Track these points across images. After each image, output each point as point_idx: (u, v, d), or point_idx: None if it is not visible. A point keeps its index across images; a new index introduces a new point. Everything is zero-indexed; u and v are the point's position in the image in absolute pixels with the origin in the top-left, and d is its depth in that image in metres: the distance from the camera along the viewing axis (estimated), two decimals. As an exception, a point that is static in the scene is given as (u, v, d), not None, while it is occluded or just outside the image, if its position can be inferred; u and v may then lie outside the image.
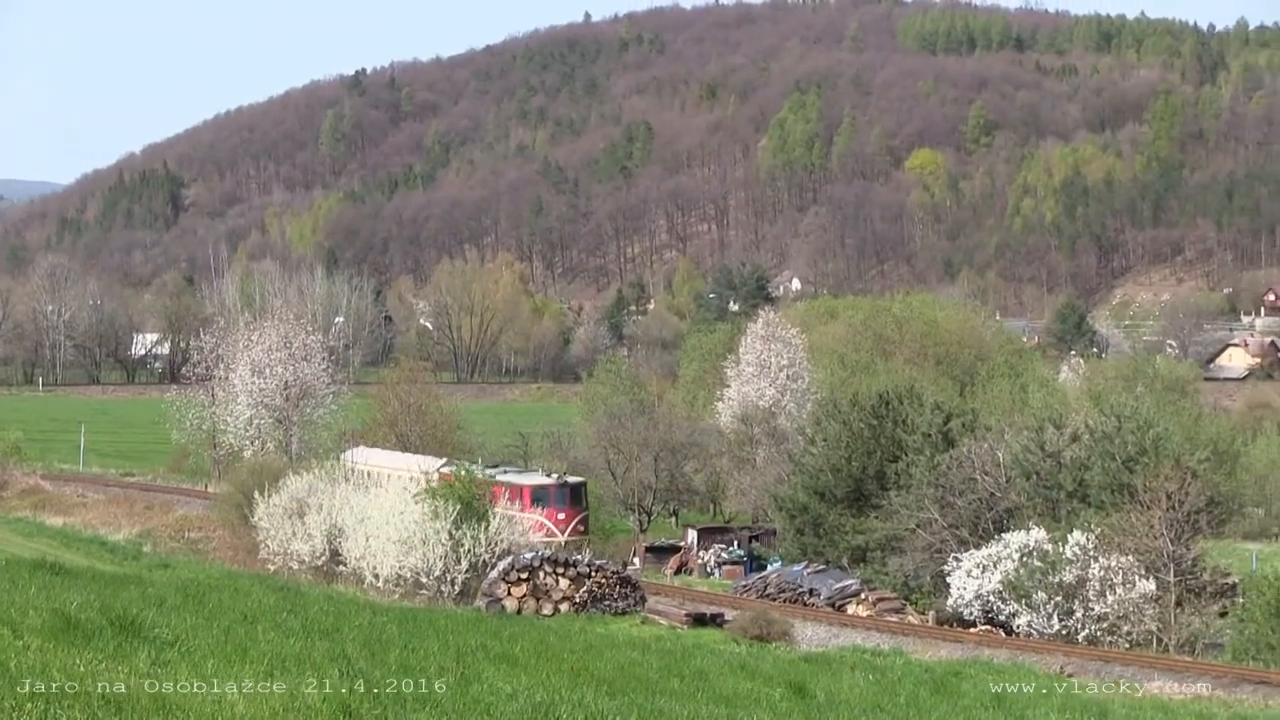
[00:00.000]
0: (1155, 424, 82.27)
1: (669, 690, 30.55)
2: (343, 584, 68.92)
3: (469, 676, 27.15)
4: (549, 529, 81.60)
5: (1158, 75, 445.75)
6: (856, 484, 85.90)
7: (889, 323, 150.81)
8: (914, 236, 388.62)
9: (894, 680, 41.65)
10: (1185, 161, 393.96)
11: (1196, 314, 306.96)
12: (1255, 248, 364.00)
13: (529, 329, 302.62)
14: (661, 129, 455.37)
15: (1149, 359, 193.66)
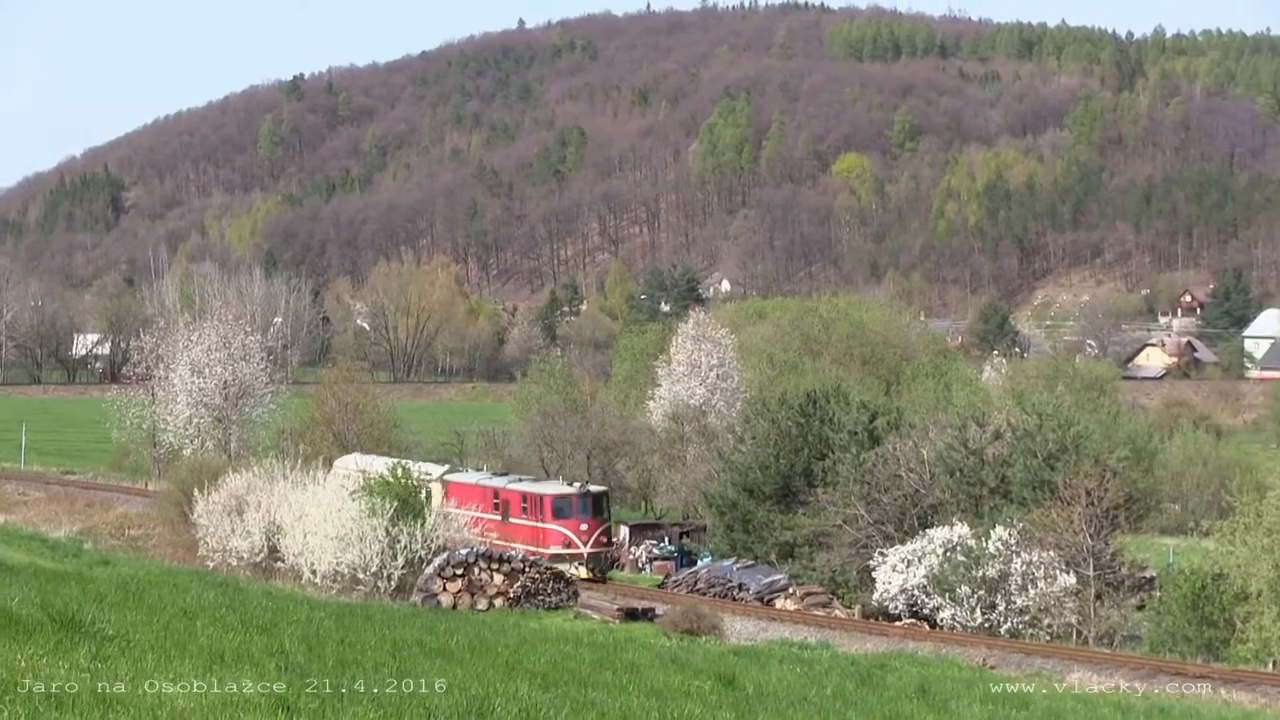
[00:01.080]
0: (1075, 422, 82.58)
1: (601, 683, 30.55)
2: (281, 580, 68.74)
3: (405, 671, 27.10)
4: (570, 540, 77.41)
5: (1078, 82, 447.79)
6: (785, 481, 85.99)
7: (816, 323, 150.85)
8: (841, 239, 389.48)
9: (821, 672, 41.70)
10: (1104, 166, 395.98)
11: (1115, 315, 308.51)
12: (1172, 250, 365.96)
13: (464, 329, 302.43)
14: (594, 134, 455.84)
15: (1069, 359, 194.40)
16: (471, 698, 24.16)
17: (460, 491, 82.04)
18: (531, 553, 73.42)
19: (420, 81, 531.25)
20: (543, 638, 44.21)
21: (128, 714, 18.26)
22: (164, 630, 28.01)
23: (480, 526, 78.42)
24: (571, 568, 73.32)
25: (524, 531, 77.85)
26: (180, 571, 60.04)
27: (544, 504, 78.00)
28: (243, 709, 19.80)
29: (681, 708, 27.12)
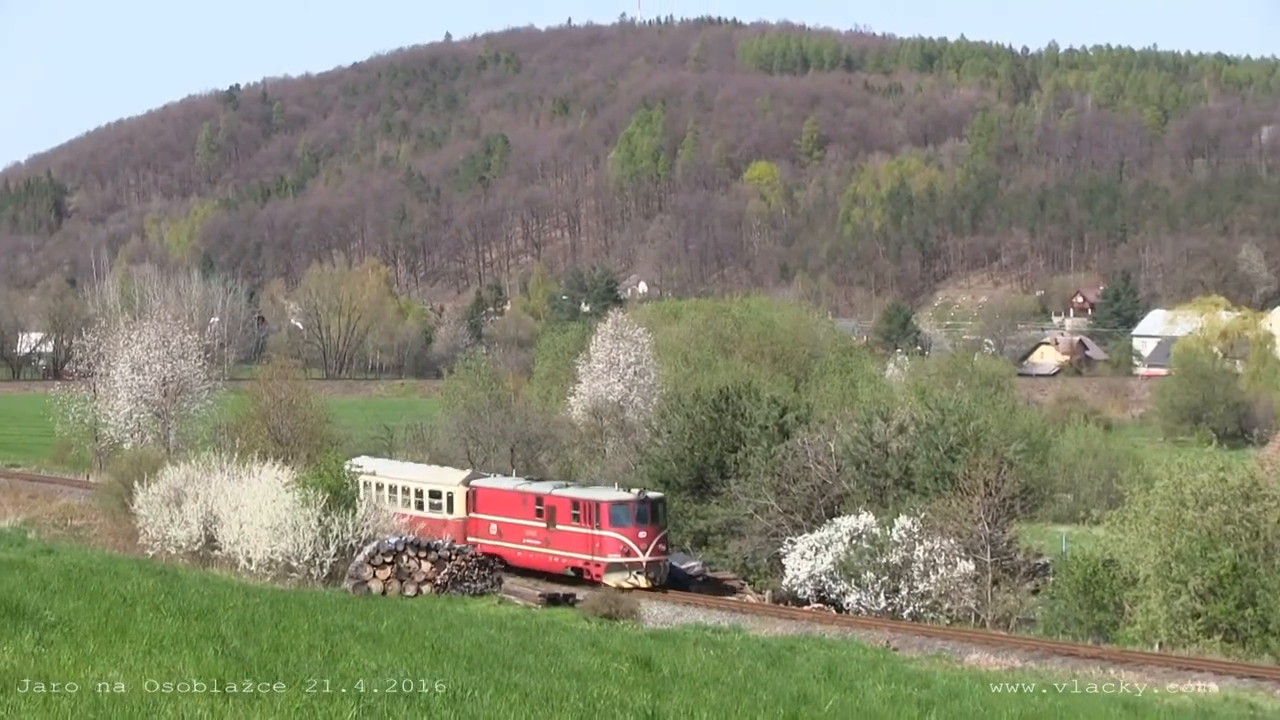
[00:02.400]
0: (974, 417, 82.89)
1: (524, 665, 30.55)
2: (218, 568, 68.44)
3: (336, 654, 27.04)
4: (629, 549, 69.73)
5: (976, 94, 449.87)
6: (699, 473, 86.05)
7: (729, 323, 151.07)
8: (752, 243, 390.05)
9: (733, 655, 41.78)
10: (1001, 174, 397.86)
11: (1011, 315, 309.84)
12: (1065, 254, 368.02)
13: (393, 328, 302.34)
14: (517, 141, 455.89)
15: (968, 357, 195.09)
16: (400, 679, 24.12)
17: (491, 497, 77.15)
18: (585, 562, 70.66)
19: (351, 91, 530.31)
20: (468, 622, 44.16)
21: (69, 697, 18.16)
22: (105, 616, 27.89)
23: (519, 534, 74.32)
24: (630, 577, 68.74)
25: (575, 539, 71.73)
26: (121, 560, 59.60)
27: (600, 510, 71.03)
28: (181, 692, 19.69)
29: (600, 688, 27.13)
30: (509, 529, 74.66)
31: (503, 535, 74.81)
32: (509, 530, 74.65)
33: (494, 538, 74.99)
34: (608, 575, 68.66)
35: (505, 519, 75.22)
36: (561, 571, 71.90)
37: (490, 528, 75.64)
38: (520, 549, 73.93)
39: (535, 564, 73.35)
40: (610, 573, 68.74)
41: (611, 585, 67.21)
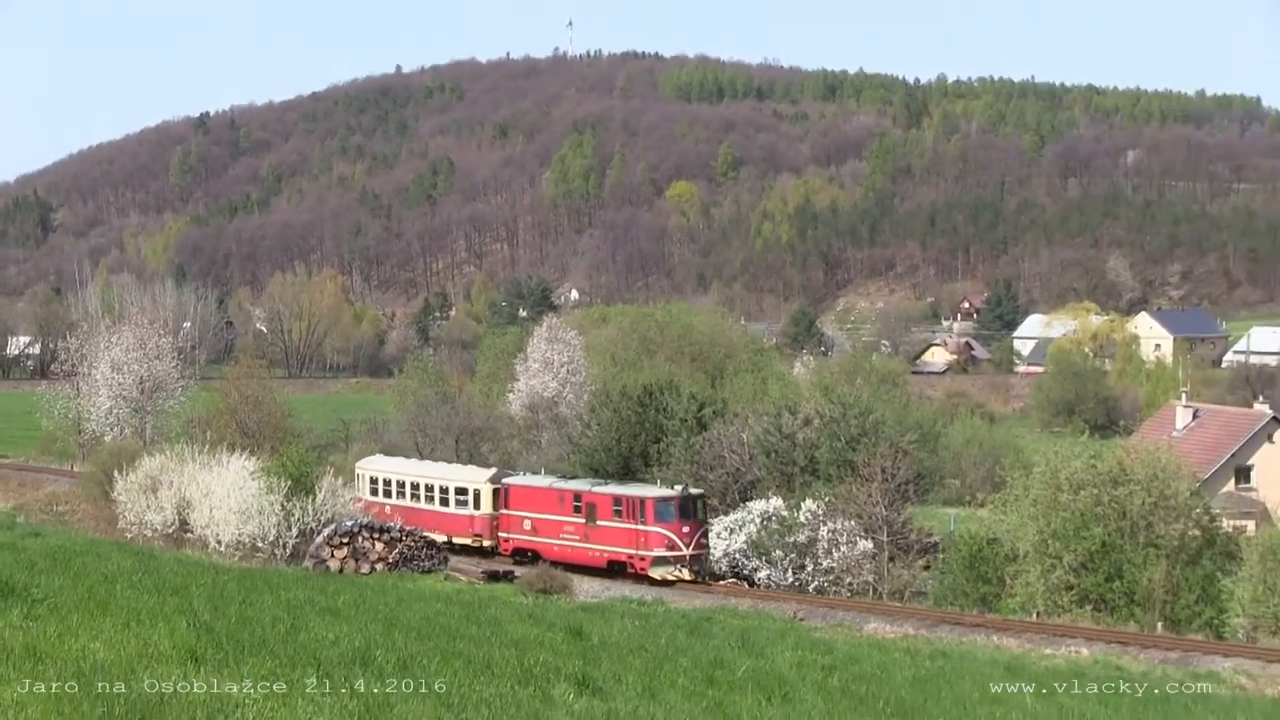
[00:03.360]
0: (872, 411, 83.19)
1: (468, 635, 30.49)
2: (190, 548, 68.02)
3: (298, 626, 26.93)
4: (674, 543, 65.87)
5: (873, 120, 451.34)
6: (625, 461, 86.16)
7: (652, 326, 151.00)
8: (673, 254, 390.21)
9: (656, 625, 41.82)
10: (896, 192, 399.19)
11: (905, 319, 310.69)
12: (953, 264, 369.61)
13: (349, 332, 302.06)
14: (461, 163, 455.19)
15: (866, 356, 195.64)
16: (356, 649, 24.09)
17: (524, 494, 72.47)
18: (628, 556, 66.74)
19: (310, 118, 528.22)
20: (417, 597, 44.06)
21: (56, 665, 18.05)
22: (88, 593, 27.71)
23: (555, 529, 70.01)
24: (674, 570, 65.38)
25: (618, 534, 67.41)
26: (102, 542, 59.19)
27: (645, 507, 66.55)
28: (157, 660, 19.62)
29: (537, 656, 27.14)
30: (544, 525, 70.83)
31: (537, 531, 71.06)
32: (544, 526, 70.82)
33: (528, 533, 71.53)
34: (653, 568, 65.60)
35: (540, 515, 71.25)
36: (601, 566, 68.00)
37: (524, 523, 71.83)
38: (557, 544, 69.88)
39: (573, 558, 68.90)
40: (655, 566, 65.69)
41: (657, 578, 64.88)
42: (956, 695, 31.02)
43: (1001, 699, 31.46)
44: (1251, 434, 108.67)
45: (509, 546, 71.93)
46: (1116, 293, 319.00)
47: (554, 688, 22.93)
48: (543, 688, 22.85)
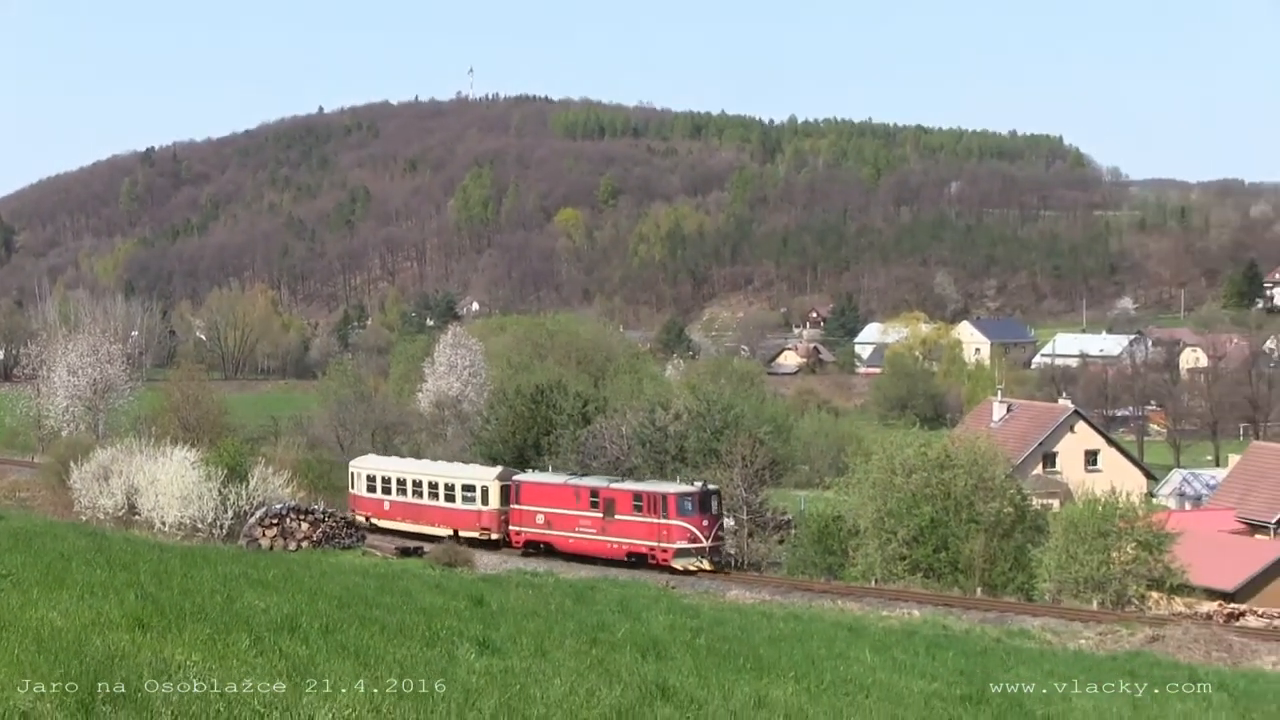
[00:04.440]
0: (733, 406, 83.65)
1: (382, 604, 30.39)
2: (138, 529, 67.50)
3: (233, 596, 26.75)
4: (695, 535, 62.49)
5: (734, 156, 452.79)
6: (519, 451, 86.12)
7: (543, 334, 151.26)
8: (561, 271, 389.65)
9: (547, 593, 41.79)
10: (753, 218, 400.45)
11: (762, 327, 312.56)
12: (803, 279, 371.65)
13: (278, 339, 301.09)
14: (376, 192, 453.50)
15: (728, 359, 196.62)
16: (284, 616, 23.92)
17: (536, 490, 68.46)
18: (649, 548, 63.06)
19: (244, 153, 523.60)
20: (338, 570, 43.85)
21: (18, 632, 17.81)
22: (46, 569, 27.42)
23: (570, 524, 66.34)
24: (696, 560, 62.26)
25: (638, 528, 63.77)
26: (59, 524, 58.50)
27: (668, 502, 63.03)
28: (108, 627, 19.43)
29: (443, 621, 27.07)
30: (558, 519, 66.93)
31: (551, 525, 67.19)
32: (558, 520, 66.91)
33: (540, 527, 67.67)
34: (676, 559, 62.28)
35: (553, 510, 67.24)
36: (620, 557, 64.16)
37: (536, 518, 67.87)
38: (573, 537, 66.34)
39: (590, 550, 65.57)
40: (678, 557, 62.28)
41: (680, 569, 61.64)
42: (806, 652, 31.16)
43: (845, 655, 31.64)
44: (1056, 425, 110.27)
45: (521, 539, 68.57)
46: (942, 304, 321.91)
47: (458, 648, 22.86)
48: (448, 648, 22.79)
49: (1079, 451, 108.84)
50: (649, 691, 19.92)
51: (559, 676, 20.46)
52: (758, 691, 21.73)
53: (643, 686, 20.37)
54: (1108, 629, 50.85)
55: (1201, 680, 35.11)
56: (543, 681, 19.63)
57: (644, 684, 20.68)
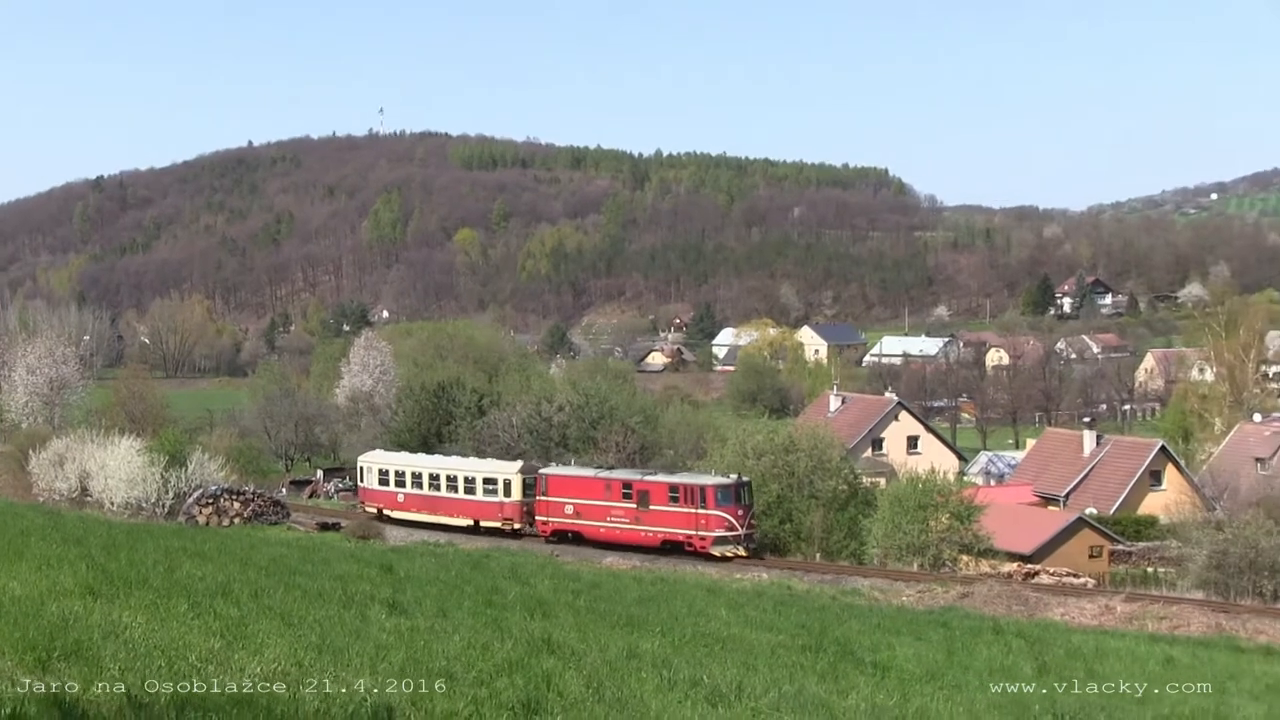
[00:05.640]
0: (608, 399, 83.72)
1: (304, 571, 30.25)
2: (89, 509, 66.55)
3: (174, 566, 26.51)
4: (732, 524, 58.43)
5: (608, 184, 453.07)
6: (424, 439, 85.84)
7: (444, 338, 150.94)
8: (460, 283, 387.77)
9: (447, 562, 41.71)
10: (625, 238, 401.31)
11: (632, 331, 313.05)
12: (668, 290, 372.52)
13: (213, 343, 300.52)
14: (299, 215, 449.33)
15: (604, 359, 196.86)
16: (219, 583, 23.76)
17: (565, 483, 63.75)
18: (687, 536, 59.05)
19: (183, 180, 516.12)
20: (266, 543, 43.55)
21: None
22: (7, 544, 27.01)
23: (601, 514, 61.84)
24: (732, 548, 58.34)
25: (675, 517, 59.45)
26: (19, 505, 57.56)
27: (707, 493, 58.77)
28: (63, 595, 19.19)
29: (357, 586, 27.00)
30: (588, 510, 62.33)
31: (580, 515, 62.61)
32: (588, 511, 62.33)
33: (570, 517, 63.01)
34: (714, 547, 58.09)
35: (583, 501, 62.54)
36: (654, 545, 59.91)
37: (565, 508, 63.11)
38: (604, 526, 61.83)
39: (623, 539, 61.08)
40: (716, 545, 58.14)
41: (717, 555, 57.65)
42: (671, 610, 31.32)
43: (704, 612, 31.83)
44: (883, 415, 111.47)
45: (548, 529, 63.86)
46: (786, 311, 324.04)
47: (370, 610, 22.79)
48: (361, 610, 22.71)
49: (902, 437, 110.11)
50: (536, 645, 19.95)
51: (458, 633, 20.44)
52: (630, 644, 21.82)
53: (530, 641, 20.40)
54: (926, 588, 51.45)
55: (1003, 630, 35.68)
56: (444, 638, 19.61)
57: (531, 639, 20.71)
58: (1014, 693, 23.02)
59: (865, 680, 21.91)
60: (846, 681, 21.37)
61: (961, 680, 24.09)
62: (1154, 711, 23.01)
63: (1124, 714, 21.96)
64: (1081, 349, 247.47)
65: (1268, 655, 38.81)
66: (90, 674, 12.94)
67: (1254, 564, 54.19)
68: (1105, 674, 28.06)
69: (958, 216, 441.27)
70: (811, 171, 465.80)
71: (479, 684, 15.65)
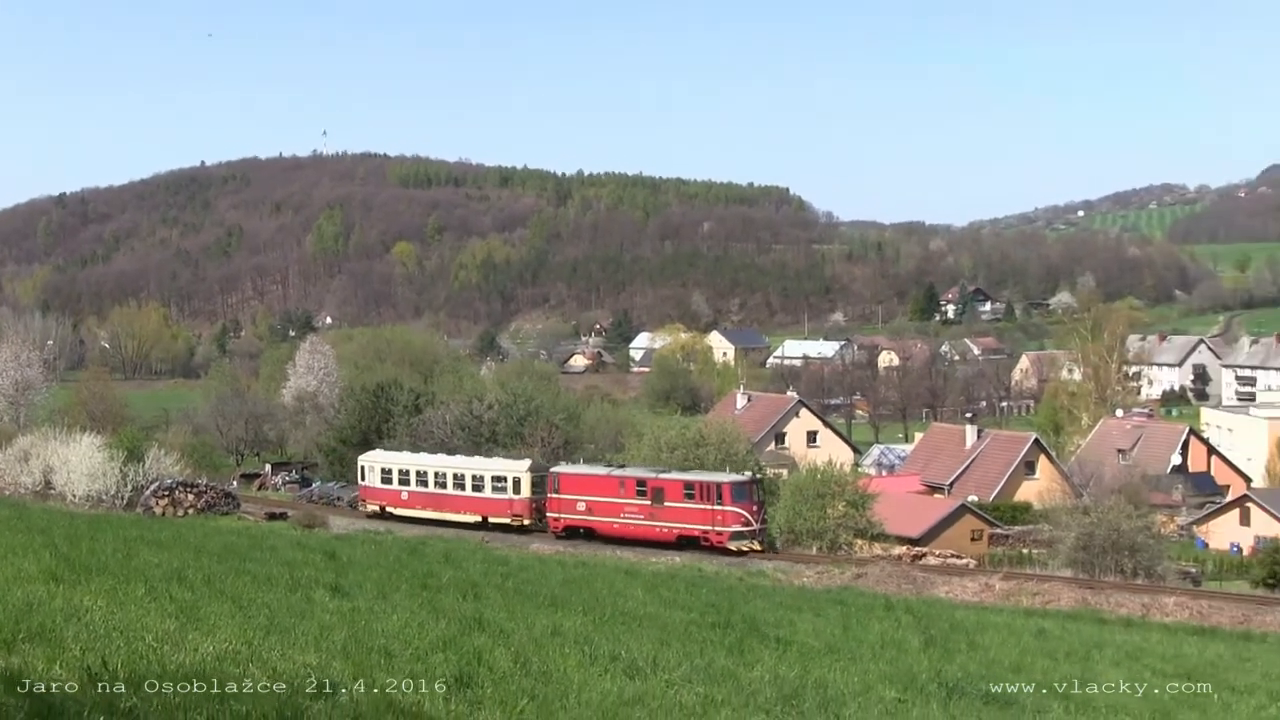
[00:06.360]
0: (534, 398, 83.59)
1: (254, 558, 30.02)
2: (53, 501, 65.65)
3: (132, 554, 26.21)
4: (748, 520, 55.87)
5: (534, 201, 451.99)
6: (365, 435, 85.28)
7: (383, 342, 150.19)
8: (397, 292, 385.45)
9: (386, 548, 41.48)
10: (550, 250, 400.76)
11: (556, 336, 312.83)
12: (589, 298, 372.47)
13: (168, 347, 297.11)
14: (248, 229, 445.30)
15: (530, 362, 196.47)
16: (174, 568, 23.52)
17: (577, 480, 60.95)
18: (703, 531, 56.37)
19: (140, 196, 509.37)
20: (218, 532, 43.15)
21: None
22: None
23: (614, 510, 58.90)
24: (748, 542, 55.78)
25: (691, 513, 56.68)
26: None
27: (723, 490, 56.15)
28: (27, 580, 18.91)
29: (303, 571, 26.82)
30: (601, 506, 59.48)
31: (593, 511, 59.71)
32: (601, 507, 59.46)
33: (582, 513, 60.08)
34: (731, 541, 55.58)
35: (596, 498, 59.75)
36: (669, 540, 56.99)
37: (577, 505, 60.25)
38: (617, 522, 58.87)
39: (637, 534, 58.15)
40: (733, 539, 55.65)
41: (734, 549, 55.19)
42: (592, 591, 31.34)
43: (623, 593, 31.87)
44: (785, 412, 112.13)
45: (560, 525, 60.90)
46: (697, 317, 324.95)
47: (314, 592, 22.65)
48: (307, 593, 22.56)
49: (802, 431, 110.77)
50: (468, 624, 19.91)
51: (396, 613, 20.36)
52: (554, 623, 21.82)
53: (463, 620, 20.36)
54: (824, 569, 51.80)
55: (894, 607, 35.98)
56: (383, 618, 19.52)
57: (464, 618, 20.67)
58: (904, 663, 23.24)
59: (769, 654, 22.03)
60: (752, 655, 21.48)
61: (856, 653, 24.27)
62: (1027, 678, 23.31)
63: (1001, 681, 22.21)
64: (964, 351, 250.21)
65: (1128, 626, 39.52)
66: (53, 654, 12.80)
67: (1116, 545, 55.07)
68: (985, 645, 28.39)
69: (852, 231, 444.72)
70: (720, 190, 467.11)
71: (415, 660, 15.63)
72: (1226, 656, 32.42)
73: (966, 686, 20.84)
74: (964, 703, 19.58)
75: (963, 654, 26.24)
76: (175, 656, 13.46)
